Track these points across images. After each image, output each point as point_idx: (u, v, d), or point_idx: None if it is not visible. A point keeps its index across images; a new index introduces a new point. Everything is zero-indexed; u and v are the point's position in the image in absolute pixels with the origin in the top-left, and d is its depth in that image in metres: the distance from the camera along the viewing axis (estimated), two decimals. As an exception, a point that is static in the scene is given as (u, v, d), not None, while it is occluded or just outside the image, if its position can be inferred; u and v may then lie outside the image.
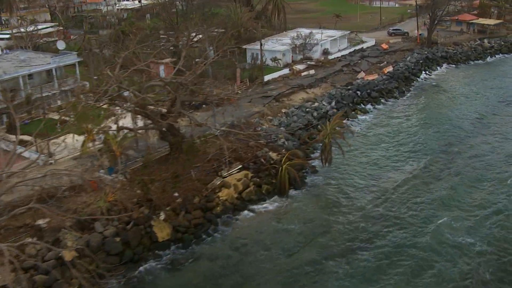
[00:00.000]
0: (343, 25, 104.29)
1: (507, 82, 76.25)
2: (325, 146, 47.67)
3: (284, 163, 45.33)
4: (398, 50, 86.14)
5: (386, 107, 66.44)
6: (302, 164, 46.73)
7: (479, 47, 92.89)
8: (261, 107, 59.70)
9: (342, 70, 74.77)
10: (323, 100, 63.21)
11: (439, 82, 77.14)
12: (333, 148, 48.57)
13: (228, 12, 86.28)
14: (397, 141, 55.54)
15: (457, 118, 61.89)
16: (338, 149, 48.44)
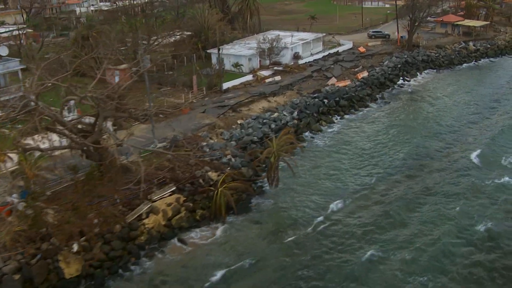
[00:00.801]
0: (322, 27, 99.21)
1: (490, 89, 70.71)
2: (271, 165, 42.58)
3: (221, 186, 40.35)
4: (376, 54, 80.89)
5: (356, 116, 61.09)
6: (242, 186, 41.49)
7: (464, 50, 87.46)
8: (214, 118, 54.67)
9: (311, 76, 69.61)
10: (284, 110, 58.24)
11: (417, 88, 71.74)
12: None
13: (194, 13, 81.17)
14: (362, 158, 50.00)
15: (432, 130, 56.29)
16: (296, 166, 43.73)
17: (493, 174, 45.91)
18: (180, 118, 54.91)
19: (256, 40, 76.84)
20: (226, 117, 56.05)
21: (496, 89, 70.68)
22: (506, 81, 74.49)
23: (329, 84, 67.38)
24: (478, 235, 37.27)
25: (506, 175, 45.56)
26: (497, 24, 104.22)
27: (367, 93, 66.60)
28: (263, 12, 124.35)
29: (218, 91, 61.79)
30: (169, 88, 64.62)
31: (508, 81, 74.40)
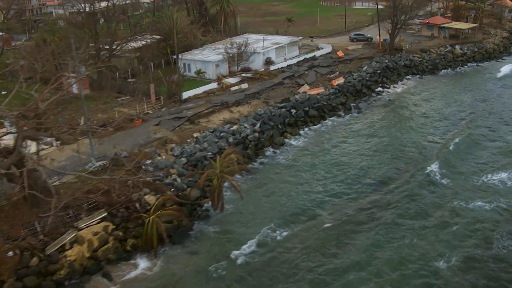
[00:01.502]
0: (303, 30, 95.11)
1: (475, 98, 66.06)
2: (214, 188, 38.40)
3: (155, 212, 36.22)
4: (355, 58, 76.51)
5: (325, 128, 56.70)
6: (177, 214, 37.13)
7: (449, 54, 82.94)
8: (167, 131, 50.55)
9: (282, 83, 65.31)
10: (246, 122, 54.07)
11: (397, 97, 67.13)
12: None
13: (162, 16, 76.91)
14: (324, 176, 45.52)
15: (407, 145, 51.60)
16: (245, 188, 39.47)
17: (457, 195, 41.96)
18: (132, 131, 50.90)
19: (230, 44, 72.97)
20: (182, 130, 51.83)
21: (479, 98, 66.02)
22: (491, 89, 69.87)
23: (300, 92, 63.13)
24: (435, 263, 33.24)
25: (472, 196, 41.56)
26: (487, 26, 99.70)
27: (340, 101, 62.19)
28: (248, 14, 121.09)
29: (177, 101, 57.67)
30: (128, 97, 60.61)
31: (493, 89, 69.89)
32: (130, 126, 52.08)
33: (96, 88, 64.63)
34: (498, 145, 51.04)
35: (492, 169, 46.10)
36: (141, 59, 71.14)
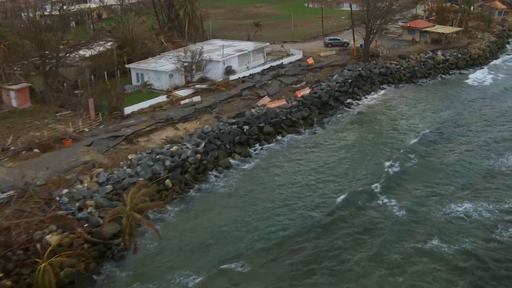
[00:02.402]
0: (277, 34, 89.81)
1: (452, 111, 60.28)
2: (124, 227, 33.21)
3: (50, 256, 31.03)
4: (326, 66, 71.02)
5: (280, 146, 51.28)
6: (71, 261, 31.55)
7: (430, 60, 77.27)
8: (98, 153, 45.37)
9: (241, 94, 59.94)
10: (189, 141, 48.81)
11: (368, 109, 61.42)
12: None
13: (119, 21, 71.58)
14: (270, 207, 40.01)
15: (372, 169, 45.82)
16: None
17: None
18: (61, 153, 45.73)
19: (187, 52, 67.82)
20: (117, 151, 46.63)
21: (457, 111, 60.24)
22: (471, 100, 64.00)
23: (258, 105, 57.84)
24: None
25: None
26: (474, 30, 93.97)
27: (302, 116, 56.66)
28: (227, 16, 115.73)
29: (118, 117, 52.46)
30: (69, 111, 55.45)
31: (473, 100, 64.21)
32: (60, 146, 46.99)
33: (40, 101, 59.56)
34: (470, 172, 45.68)
35: (455, 198, 41.03)
36: (93, 68, 66.17)
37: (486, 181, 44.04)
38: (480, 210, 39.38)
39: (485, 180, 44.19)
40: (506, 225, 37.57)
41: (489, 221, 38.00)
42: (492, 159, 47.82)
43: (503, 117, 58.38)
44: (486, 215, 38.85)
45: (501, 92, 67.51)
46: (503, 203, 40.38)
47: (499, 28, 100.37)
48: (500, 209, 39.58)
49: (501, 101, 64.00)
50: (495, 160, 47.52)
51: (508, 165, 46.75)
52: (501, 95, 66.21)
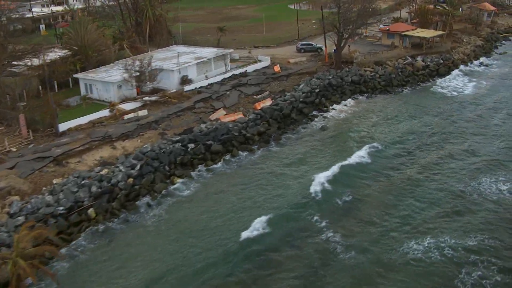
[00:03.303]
0: (248, 38, 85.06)
1: (426, 124, 54.77)
2: (11, 276, 28.43)
3: None
4: (294, 74, 66.06)
5: (229, 167, 46.13)
6: None
7: (409, 67, 72.06)
8: (16, 178, 40.60)
9: (193, 107, 55.07)
10: (124, 162, 43.96)
11: (333, 123, 55.89)
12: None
13: (73, 27, 66.62)
14: (206, 241, 35.23)
15: (320, 196, 40.39)
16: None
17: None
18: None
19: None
20: (42, 175, 41.87)
21: (430, 124, 54.74)
22: (447, 112, 58.51)
23: (211, 119, 52.97)
24: None
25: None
26: (460, 33, 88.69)
27: (258, 131, 51.71)
28: (206, 19, 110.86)
29: (52, 134, 47.68)
30: (3, 127, 50.70)
31: (450, 111, 58.69)
32: (-22, 169, 42.33)
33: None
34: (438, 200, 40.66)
35: (415, 233, 35.90)
36: (41, 77, 61.42)
37: (452, 210, 38.82)
38: (443, 248, 34.31)
39: (452, 209, 38.96)
40: (471, 268, 32.50)
41: (453, 263, 32.95)
42: (463, 182, 42.52)
43: (479, 131, 52.86)
44: (449, 254, 33.75)
45: (480, 102, 61.99)
46: (470, 239, 35.17)
47: (488, 31, 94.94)
48: (466, 247, 34.39)
49: (477, 113, 58.22)
50: (465, 184, 42.18)
51: (480, 191, 41.35)
52: (479, 106, 60.60)
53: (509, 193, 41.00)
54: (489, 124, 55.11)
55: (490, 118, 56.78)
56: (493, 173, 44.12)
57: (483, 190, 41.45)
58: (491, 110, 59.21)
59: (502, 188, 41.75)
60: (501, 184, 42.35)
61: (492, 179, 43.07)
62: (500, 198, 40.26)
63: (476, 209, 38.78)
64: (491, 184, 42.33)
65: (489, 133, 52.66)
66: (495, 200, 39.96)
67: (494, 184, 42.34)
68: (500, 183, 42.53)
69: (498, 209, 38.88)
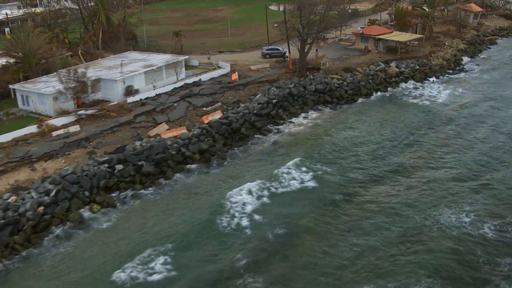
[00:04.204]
0: (213, 42, 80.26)
1: (389, 139, 49.84)
2: None
3: None
4: (252, 82, 61.29)
5: (159, 193, 41.05)
6: None
7: (381, 73, 67.08)
8: None
9: (132, 121, 50.38)
10: (38, 188, 39.37)
11: (287, 139, 50.74)
12: None
13: (14, 33, 62.14)
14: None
15: (249, 233, 35.78)
16: None
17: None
18: None
19: (96, 67, 58.74)
20: None
21: (394, 140, 49.84)
22: (418, 126, 53.47)
23: (150, 135, 48.31)
24: None
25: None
26: (443, 36, 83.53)
27: (200, 148, 47.04)
28: (181, 21, 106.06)
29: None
30: None
31: (422, 124, 53.72)
32: None
33: None
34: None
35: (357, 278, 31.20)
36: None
37: (406, 249, 33.60)
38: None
39: (406, 248, 33.68)
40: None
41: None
42: (421, 213, 37.31)
43: (447, 149, 47.90)
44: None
45: (452, 113, 56.86)
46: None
47: (473, 33, 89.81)
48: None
49: (448, 127, 53.16)
50: (424, 216, 36.97)
51: (440, 224, 36.02)
52: (451, 118, 55.44)
53: (471, 227, 35.70)
54: (459, 140, 49.98)
55: (461, 133, 51.64)
56: (457, 200, 38.95)
57: (443, 223, 36.09)
58: (463, 124, 54.04)
59: (464, 220, 36.51)
60: (464, 215, 37.07)
61: (455, 209, 37.78)
62: (460, 234, 34.98)
63: (433, 248, 33.53)
64: (452, 216, 37.03)
65: (458, 150, 47.59)
66: (454, 237, 34.67)
67: (456, 216, 37.02)
68: (463, 214, 37.24)
69: (456, 247, 33.71)
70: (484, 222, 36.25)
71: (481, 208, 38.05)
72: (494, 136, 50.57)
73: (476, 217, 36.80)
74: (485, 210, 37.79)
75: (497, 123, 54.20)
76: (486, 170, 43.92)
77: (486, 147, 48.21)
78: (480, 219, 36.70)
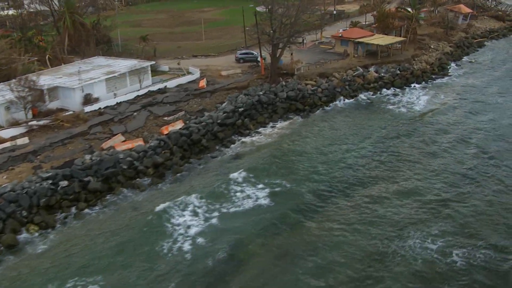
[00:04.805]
0: (189, 46, 77.76)
1: (359, 152, 47.04)
2: None
3: None
4: (220, 89, 58.60)
5: (105, 210, 38.40)
6: None
7: (359, 79, 64.30)
8: None
9: (87, 132, 47.77)
10: (-31, 208, 36.96)
11: (250, 152, 47.66)
12: None
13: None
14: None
15: (194, 255, 33.19)
16: None
17: None
18: None
19: (57, 73, 56.27)
20: None
21: (364, 153, 46.91)
22: (393, 136, 50.46)
23: (103, 148, 45.71)
24: None
25: None
26: (429, 38, 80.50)
27: (154, 162, 44.21)
28: (163, 23, 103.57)
29: None
30: None
31: (396, 134, 50.65)
32: None
33: None
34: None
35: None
36: None
37: (366, 273, 30.98)
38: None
39: (366, 270, 31.15)
40: None
41: None
42: (384, 239, 34.05)
43: (418, 165, 44.61)
44: None
45: (429, 123, 53.84)
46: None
47: (461, 35, 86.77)
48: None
49: (423, 138, 50.06)
50: (387, 242, 33.74)
51: (405, 251, 32.92)
52: (427, 128, 52.42)
53: (437, 255, 32.66)
54: (428, 152, 46.96)
55: (431, 144, 48.63)
56: (424, 224, 35.77)
57: (407, 251, 32.98)
58: (436, 134, 51.03)
59: (431, 247, 33.35)
60: (430, 242, 33.85)
61: (421, 234, 34.64)
62: (425, 262, 32.02)
63: (397, 273, 30.87)
64: (417, 240, 33.99)
65: (430, 166, 44.40)
66: (419, 265, 31.66)
67: (422, 241, 33.89)
68: (429, 239, 34.06)
69: (422, 272, 30.97)
70: (451, 247, 33.39)
71: (448, 230, 35.22)
72: (466, 149, 47.41)
73: (443, 242, 33.82)
74: (452, 232, 34.98)
75: (471, 133, 51.06)
76: (455, 187, 40.89)
77: (455, 161, 45.07)
78: (446, 243, 33.82)
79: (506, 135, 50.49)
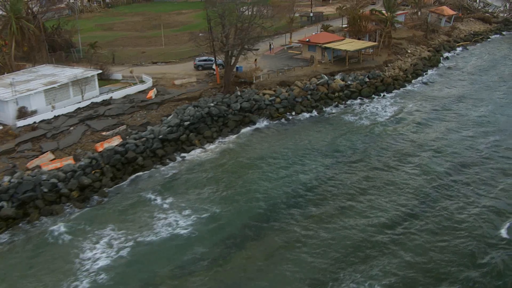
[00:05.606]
0: (150, 52, 73.98)
1: (314, 170, 43.42)
2: None
3: None
4: (169, 100, 54.81)
5: (15, 240, 34.94)
6: None
7: (323, 88, 60.33)
8: None
9: (13, 150, 44.19)
10: None
11: (190, 171, 43.85)
12: None
13: None
14: None
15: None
16: None
17: None
18: None
19: None
20: None
21: (320, 172, 43.21)
22: (351, 152, 46.79)
23: (28, 167, 42.23)
24: None
25: None
26: (407, 43, 76.24)
27: (80, 184, 40.33)
28: (137, 26, 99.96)
29: None
30: None
31: (352, 151, 46.81)
32: None
33: None
34: None
35: None
36: None
37: None
38: None
39: None
40: None
41: None
42: (332, 272, 30.81)
43: (379, 184, 40.91)
44: None
45: (394, 137, 49.84)
46: None
47: (443, 39, 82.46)
48: None
49: (378, 157, 46.00)
50: (345, 274, 30.65)
51: (366, 279, 30.09)
52: (391, 144, 48.39)
53: (396, 283, 29.79)
54: (383, 172, 42.96)
55: (392, 163, 44.57)
56: (370, 258, 32.20)
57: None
58: (398, 150, 47.11)
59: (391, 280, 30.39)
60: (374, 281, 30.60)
61: (364, 272, 31.00)
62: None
63: None
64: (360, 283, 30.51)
65: (380, 186, 40.64)
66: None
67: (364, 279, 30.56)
68: (372, 279, 30.59)
69: None
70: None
71: (396, 266, 31.55)
72: (428, 170, 43.38)
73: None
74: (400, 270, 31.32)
75: (436, 150, 47.05)
76: (410, 214, 37.15)
77: (414, 184, 41.18)
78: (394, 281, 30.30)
79: (467, 152, 46.43)
